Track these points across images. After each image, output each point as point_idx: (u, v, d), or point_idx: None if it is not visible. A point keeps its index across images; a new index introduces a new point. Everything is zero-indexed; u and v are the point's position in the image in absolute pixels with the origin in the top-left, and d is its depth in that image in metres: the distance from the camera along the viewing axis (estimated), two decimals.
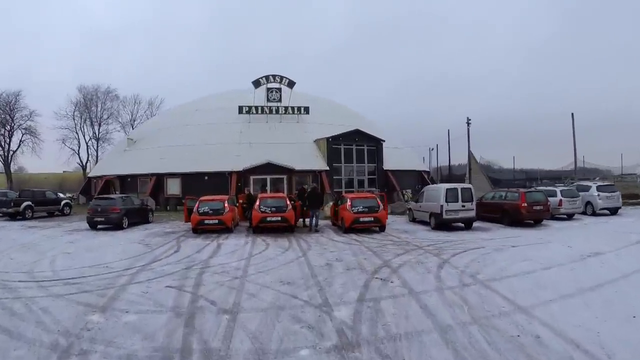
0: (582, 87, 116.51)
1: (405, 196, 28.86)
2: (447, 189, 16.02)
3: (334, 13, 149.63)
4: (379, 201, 15.84)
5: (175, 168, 26.88)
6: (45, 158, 79.94)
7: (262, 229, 15.52)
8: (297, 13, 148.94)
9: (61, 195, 34.42)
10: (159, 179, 27.12)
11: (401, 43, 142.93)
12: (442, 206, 15.79)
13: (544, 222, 17.26)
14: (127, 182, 29.38)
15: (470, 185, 16.59)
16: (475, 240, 13.23)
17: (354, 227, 15.29)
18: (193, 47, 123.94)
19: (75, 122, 51.58)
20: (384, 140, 29.86)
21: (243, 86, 31.80)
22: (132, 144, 32.14)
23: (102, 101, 53.13)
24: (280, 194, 17.79)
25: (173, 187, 26.95)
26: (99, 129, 53.53)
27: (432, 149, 47.61)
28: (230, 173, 25.71)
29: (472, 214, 16.32)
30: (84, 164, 52.31)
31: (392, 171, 30.19)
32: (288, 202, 15.71)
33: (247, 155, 26.50)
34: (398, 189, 29.31)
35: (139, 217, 19.18)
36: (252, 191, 25.36)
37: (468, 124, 32.13)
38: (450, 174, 43.90)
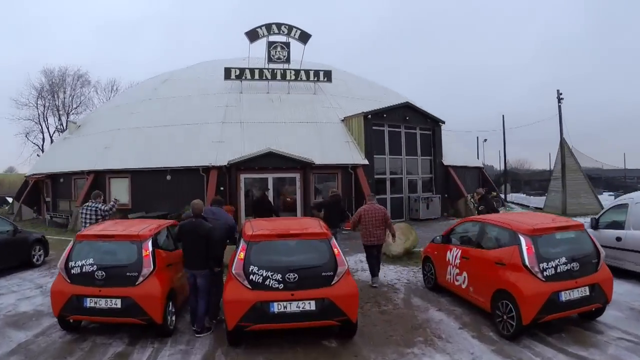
0: (596, 86, 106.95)
1: (470, 205, 18.93)
2: None
3: (353, 7, 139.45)
4: (594, 239, 5.78)
5: (123, 162, 16.89)
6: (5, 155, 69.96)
7: (250, 334, 5.08)
8: (317, 6, 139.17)
9: None
10: (98, 179, 17.14)
11: (409, 41, 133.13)
12: None
13: None
14: (59, 184, 19.54)
15: None
16: None
17: (543, 320, 5.11)
18: (211, 40, 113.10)
19: (39, 111, 42.50)
20: (443, 122, 19.94)
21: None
22: (75, 129, 22.22)
23: (72, 87, 44.37)
24: (310, 223, 6.04)
25: (119, 192, 16.83)
26: (66, 120, 44.35)
27: (485, 140, 37.49)
28: (208, 169, 15.74)
29: None
30: None
31: (454, 168, 20.36)
32: (337, 249, 5.35)
33: (235, 142, 16.57)
34: (465, 194, 19.42)
35: (6, 258, 9.21)
36: (241, 198, 15.66)
37: (559, 98, 22.11)
38: (506, 172, 33.65)
